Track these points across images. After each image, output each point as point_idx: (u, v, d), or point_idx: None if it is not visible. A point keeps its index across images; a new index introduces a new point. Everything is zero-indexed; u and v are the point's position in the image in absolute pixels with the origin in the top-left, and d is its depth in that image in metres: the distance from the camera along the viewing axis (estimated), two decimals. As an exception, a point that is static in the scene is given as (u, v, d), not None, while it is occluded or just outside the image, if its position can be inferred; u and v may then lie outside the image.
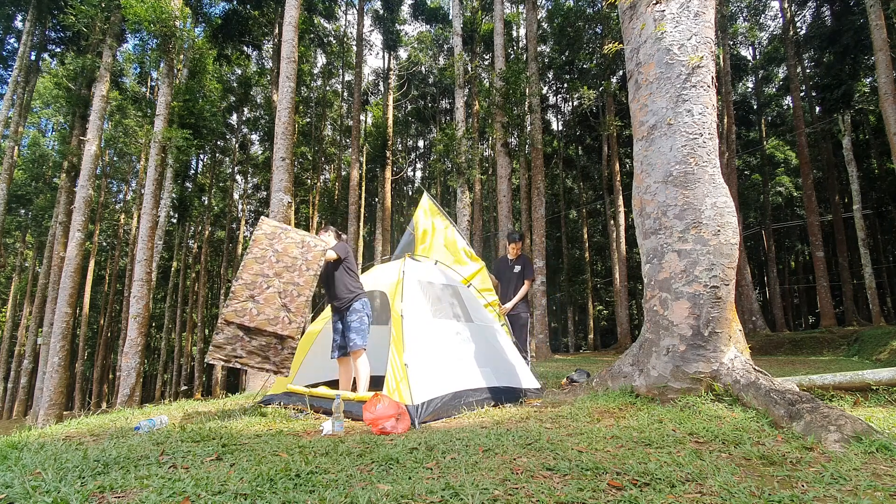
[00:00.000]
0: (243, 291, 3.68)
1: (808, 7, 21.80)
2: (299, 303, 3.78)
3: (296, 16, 10.16)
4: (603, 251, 32.41)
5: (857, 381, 3.65)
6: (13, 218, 24.64)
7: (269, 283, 3.74)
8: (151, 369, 32.24)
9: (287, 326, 3.71)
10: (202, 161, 29.10)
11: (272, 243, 3.86)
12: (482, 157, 22.99)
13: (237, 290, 3.69)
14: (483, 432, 2.84)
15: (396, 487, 1.84)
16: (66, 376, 12.14)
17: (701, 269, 3.47)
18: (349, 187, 20.32)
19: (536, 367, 8.38)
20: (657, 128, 3.80)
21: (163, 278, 28.48)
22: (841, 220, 20.30)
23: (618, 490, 1.80)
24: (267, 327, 3.66)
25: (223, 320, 3.61)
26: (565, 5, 22.70)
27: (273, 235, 3.89)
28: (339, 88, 28.90)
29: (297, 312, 3.76)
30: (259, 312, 3.66)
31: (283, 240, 3.90)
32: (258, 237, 3.85)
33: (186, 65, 15.63)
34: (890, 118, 11.38)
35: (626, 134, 23.11)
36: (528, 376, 4.58)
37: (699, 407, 3.20)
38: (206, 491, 1.82)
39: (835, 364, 8.69)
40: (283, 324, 3.70)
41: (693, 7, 3.79)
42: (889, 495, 1.72)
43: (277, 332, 3.68)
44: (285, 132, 9.72)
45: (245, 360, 3.65)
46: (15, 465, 2.26)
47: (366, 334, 4.12)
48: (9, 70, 18.45)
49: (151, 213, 11.96)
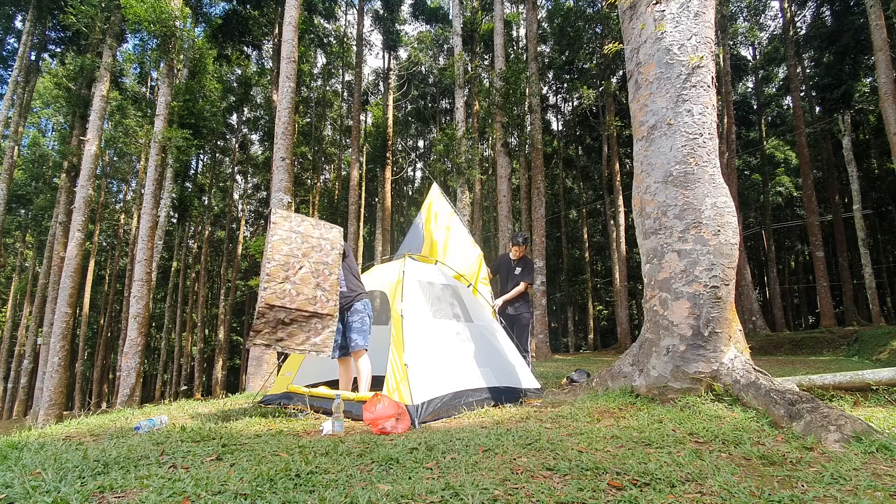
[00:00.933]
0: (279, 272, 3.58)
1: (808, 7, 21.81)
2: (332, 281, 3.76)
3: (296, 16, 10.16)
4: (603, 251, 32.42)
5: (857, 381, 3.65)
6: (13, 218, 24.65)
7: (300, 264, 3.68)
8: (151, 369, 32.23)
9: (325, 305, 3.67)
10: (202, 161, 29.11)
11: (292, 226, 3.81)
12: (482, 157, 22.98)
13: (273, 271, 3.55)
14: (483, 432, 2.84)
15: (396, 487, 1.84)
16: (66, 376, 12.14)
17: (701, 269, 3.47)
18: (349, 187, 20.33)
19: (536, 367, 8.38)
20: (657, 128, 3.80)
21: (163, 278, 28.49)
22: (841, 220, 20.30)
23: (618, 490, 1.80)
24: (308, 307, 3.60)
25: (265, 304, 3.49)
26: (565, 5, 22.70)
27: (289, 218, 3.86)
28: (339, 88, 28.90)
29: (332, 291, 3.74)
30: (298, 293, 3.60)
31: (301, 222, 3.87)
32: (277, 220, 3.78)
33: (186, 65, 15.62)
34: (890, 118, 11.39)
35: (626, 134, 23.11)
36: (528, 376, 4.58)
37: (699, 407, 3.20)
38: (206, 491, 1.82)
39: (835, 364, 8.69)
40: (322, 303, 3.67)
41: (693, 7, 3.79)
42: (889, 495, 1.72)
43: (318, 311, 3.63)
44: (285, 132, 9.73)
45: (287, 343, 3.55)
46: (15, 465, 2.26)
47: (367, 335, 4.11)
48: (9, 70, 18.45)
49: (151, 213, 11.96)
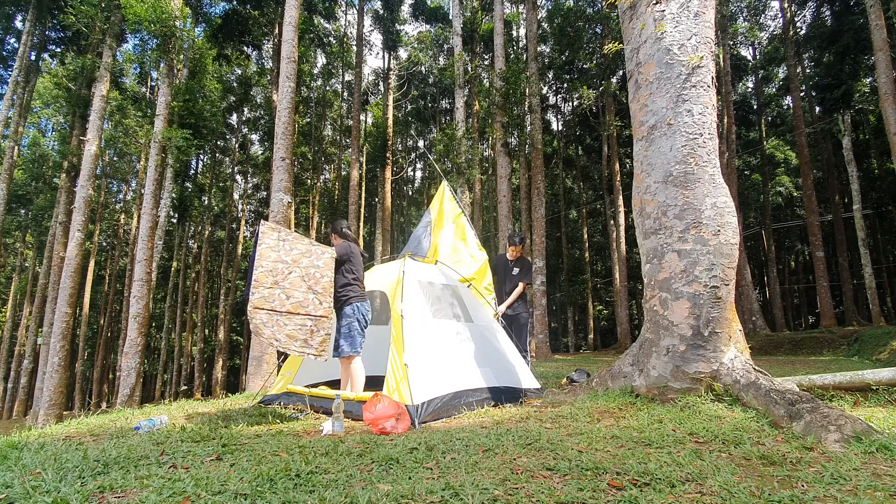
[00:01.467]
0: (266, 278, 3.62)
1: (808, 7, 21.80)
2: (324, 283, 3.78)
3: (296, 16, 10.16)
4: (603, 251, 32.41)
5: (857, 381, 3.65)
6: (13, 218, 24.65)
7: (290, 269, 3.71)
8: (151, 369, 32.22)
9: (318, 307, 3.69)
10: (202, 161, 29.11)
11: (279, 235, 3.87)
12: (482, 157, 22.97)
13: (260, 277, 3.60)
14: (483, 432, 2.84)
15: (396, 487, 1.84)
16: (66, 376, 12.14)
17: (701, 269, 3.47)
18: (349, 187, 20.33)
19: (536, 367, 8.38)
20: (657, 128, 3.80)
21: (163, 278, 28.49)
22: (841, 220, 20.30)
23: (618, 490, 1.80)
24: (300, 310, 3.62)
25: (252, 307, 3.53)
26: (565, 5, 22.69)
27: (277, 229, 3.92)
28: (339, 88, 28.89)
29: (325, 293, 3.75)
30: (288, 297, 3.62)
31: (289, 234, 3.93)
32: (265, 230, 3.84)
33: (186, 65, 15.61)
34: (890, 118, 11.38)
35: (626, 134, 23.11)
36: (528, 376, 4.58)
37: (699, 407, 3.20)
38: (206, 491, 1.82)
39: (835, 364, 8.69)
40: (315, 305, 3.68)
41: (693, 7, 3.79)
42: (889, 495, 1.72)
43: (311, 313, 3.64)
44: (285, 132, 9.72)
45: (287, 345, 3.57)
46: (15, 465, 2.26)
47: (356, 340, 4.00)
48: (9, 70, 18.44)
49: (151, 213, 11.96)
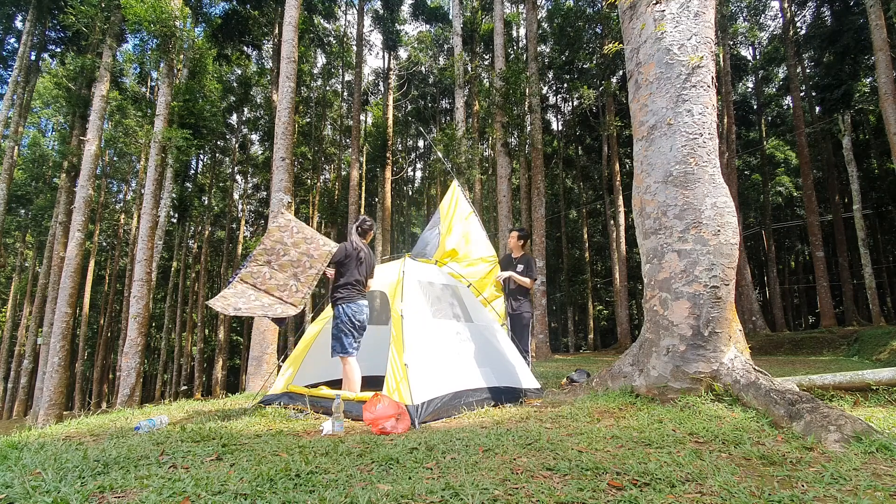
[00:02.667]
0: (262, 256, 3.93)
1: (808, 7, 21.79)
2: (310, 274, 3.96)
3: (296, 16, 10.16)
4: (603, 251, 32.41)
5: (857, 381, 3.66)
6: (13, 218, 24.66)
7: (285, 251, 3.97)
8: (151, 369, 32.21)
9: (293, 294, 3.88)
10: (202, 161, 29.10)
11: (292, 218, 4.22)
12: (482, 157, 22.97)
13: (257, 253, 3.94)
14: (483, 432, 2.84)
15: (396, 487, 1.84)
16: (66, 376, 12.14)
17: (701, 269, 3.46)
18: (349, 187, 20.32)
19: (536, 367, 8.38)
20: (657, 128, 3.80)
21: (163, 278, 28.49)
22: (841, 220, 20.29)
23: (618, 490, 1.80)
24: (274, 292, 3.85)
25: (238, 279, 3.82)
26: (565, 5, 22.69)
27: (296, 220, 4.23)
28: (339, 88, 28.88)
29: (306, 283, 3.94)
30: (271, 277, 3.89)
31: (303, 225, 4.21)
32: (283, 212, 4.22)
33: (186, 65, 15.62)
34: (890, 118, 11.38)
35: (626, 134, 23.10)
36: (528, 376, 4.58)
37: (699, 407, 3.20)
38: (206, 491, 1.82)
39: (835, 364, 8.69)
40: (290, 291, 3.89)
41: (693, 7, 3.79)
42: (889, 495, 1.72)
43: (283, 298, 3.86)
44: (285, 132, 9.72)
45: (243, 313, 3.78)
46: (15, 465, 2.26)
47: (346, 341, 4.01)
48: (9, 70, 18.45)
49: (151, 213, 11.96)
